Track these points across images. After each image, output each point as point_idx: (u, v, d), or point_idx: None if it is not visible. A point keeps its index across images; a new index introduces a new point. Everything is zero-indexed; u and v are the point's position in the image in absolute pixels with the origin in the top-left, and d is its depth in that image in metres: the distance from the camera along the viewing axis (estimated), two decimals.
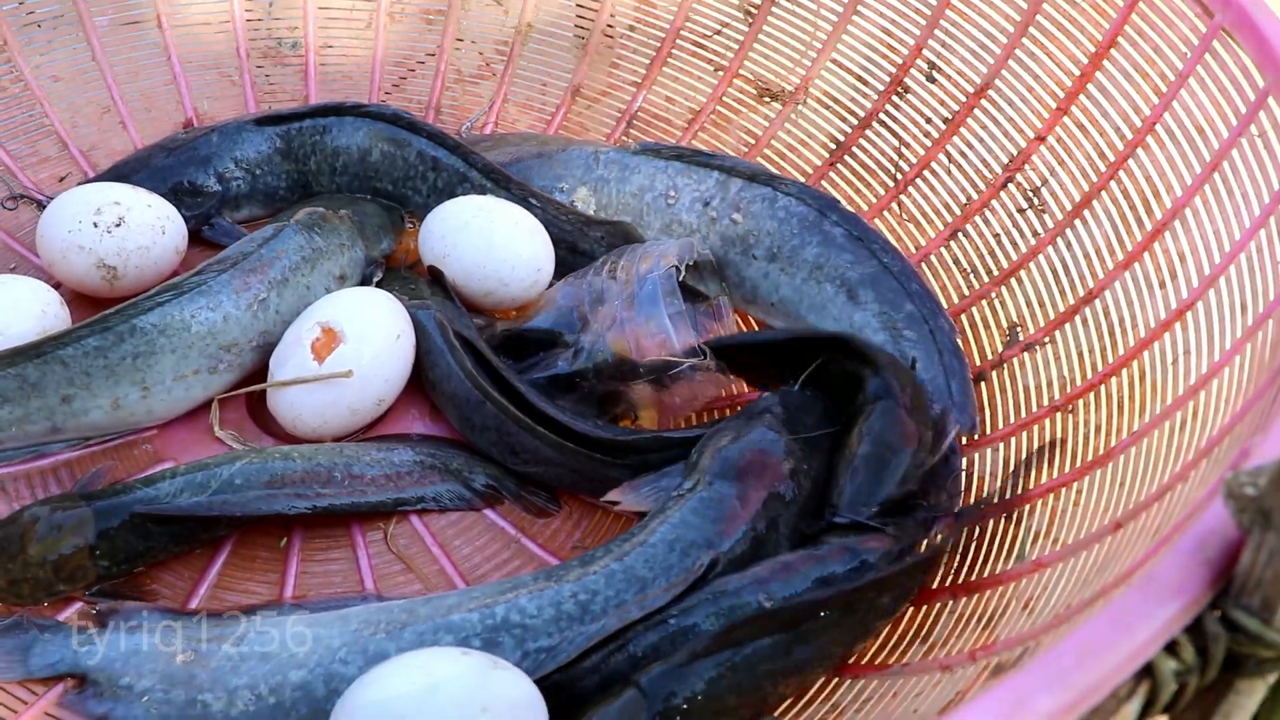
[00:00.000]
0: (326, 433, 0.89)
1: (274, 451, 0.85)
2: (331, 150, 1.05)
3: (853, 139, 1.07)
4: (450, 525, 0.88)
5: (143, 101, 1.12)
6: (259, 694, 0.73)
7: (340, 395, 0.87)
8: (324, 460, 0.85)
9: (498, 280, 0.96)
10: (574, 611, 0.75)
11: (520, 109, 1.17)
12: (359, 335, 0.88)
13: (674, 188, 1.02)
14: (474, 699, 0.65)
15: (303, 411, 0.88)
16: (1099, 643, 0.47)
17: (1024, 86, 0.99)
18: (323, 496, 0.84)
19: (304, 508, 0.83)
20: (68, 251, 0.93)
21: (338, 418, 0.88)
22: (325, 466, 0.85)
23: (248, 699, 0.73)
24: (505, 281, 0.96)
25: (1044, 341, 0.90)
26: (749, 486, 0.80)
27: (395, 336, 0.90)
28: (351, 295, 0.92)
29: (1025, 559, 0.78)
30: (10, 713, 0.74)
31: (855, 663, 0.76)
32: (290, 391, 0.88)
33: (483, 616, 0.74)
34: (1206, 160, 0.84)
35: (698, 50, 1.14)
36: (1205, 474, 0.66)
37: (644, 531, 0.78)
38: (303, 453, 0.85)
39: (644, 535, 0.78)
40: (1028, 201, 0.96)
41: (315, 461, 0.85)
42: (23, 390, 0.85)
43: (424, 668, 0.67)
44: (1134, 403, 0.81)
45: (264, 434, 0.91)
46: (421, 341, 0.92)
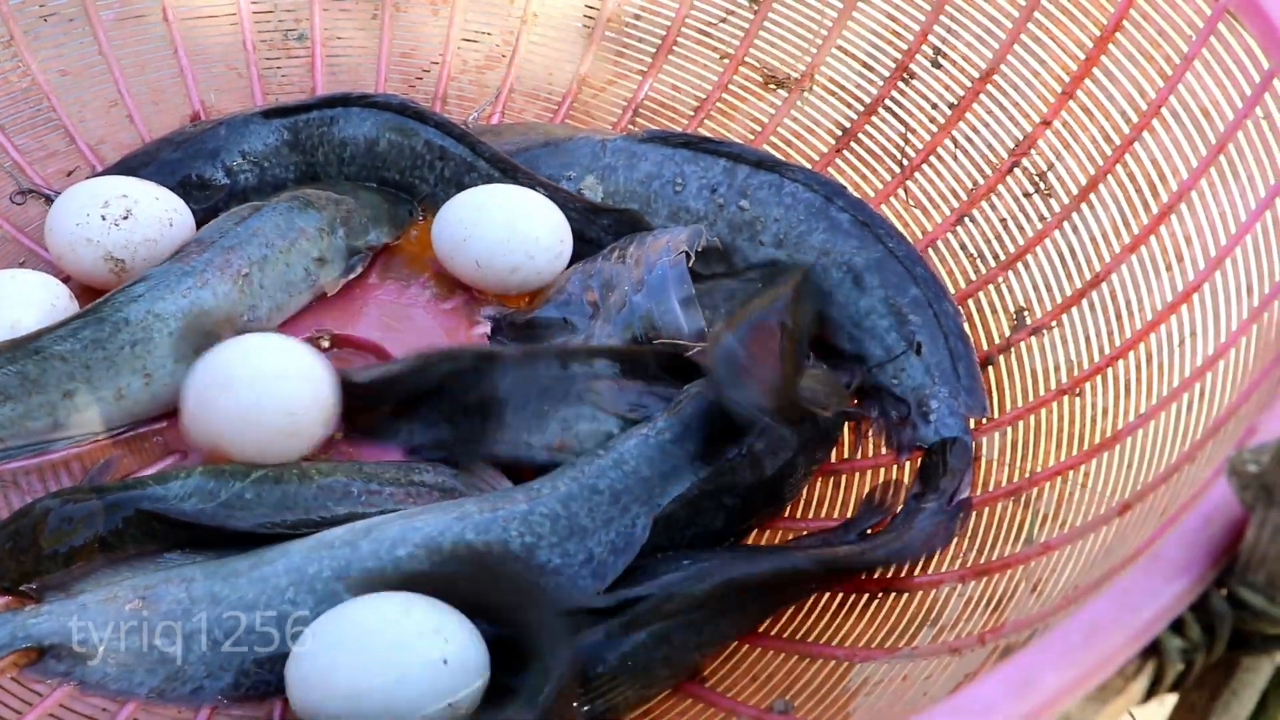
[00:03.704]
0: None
1: (293, 468, 0.83)
2: (339, 141, 1.05)
3: (859, 125, 1.07)
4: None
5: (150, 95, 1.12)
6: (213, 638, 0.74)
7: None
8: (341, 477, 0.83)
9: (524, 254, 0.96)
10: (519, 551, 0.76)
11: (526, 98, 1.17)
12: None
13: (681, 175, 1.02)
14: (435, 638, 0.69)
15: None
16: (1105, 621, 0.48)
17: (1029, 71, 0.99)
18: (334, 514, 0.81)
19: (309, 532, 0.80)
20: (75, 245, 0.94)
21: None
22: (342, 483, 0.83)
23: (203, 643, 0.74)
24: (531, 255, 0.96)
25: (1051, 325, 0.90)
26: (712, 449, 0.82)
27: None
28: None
29: (1033, 542, 0.78)
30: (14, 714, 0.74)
31: (865, 646, 0.76)
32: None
33: (430, 553, 0.75)
34: (1212, 143, 0.84)
35: (703, 38, 1.14)
36: (1212, 454, 0.66)
37: (596, 471, 0.80)
38: (321, 469, 0.84)
39: (595, 477, 0.80)
40: (1034, 186, 0.96)
41: (333, 478, 0.83)
42: (24, 387, 0.85)
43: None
44: (1141, 385, 0.81)
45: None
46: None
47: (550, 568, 0.76)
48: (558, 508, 0.78)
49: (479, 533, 0.76)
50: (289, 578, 0.75)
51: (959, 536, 0.81)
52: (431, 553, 0.75)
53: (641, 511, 0.78)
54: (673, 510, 0.79)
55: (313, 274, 0.96)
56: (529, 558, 0.76)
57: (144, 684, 0.74)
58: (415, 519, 0.77)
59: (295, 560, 0.76)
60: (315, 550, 0.76)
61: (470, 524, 0.77)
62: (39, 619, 0.75)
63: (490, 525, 0.77)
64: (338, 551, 0.76)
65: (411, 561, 0.75)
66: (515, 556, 0.76)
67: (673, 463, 0.80)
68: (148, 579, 0.77)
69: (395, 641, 0.68)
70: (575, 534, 0.77)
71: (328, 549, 0.76)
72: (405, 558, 0.75)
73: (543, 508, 0.78)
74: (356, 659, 0.68)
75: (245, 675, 0.74)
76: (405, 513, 0.79)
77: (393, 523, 0.77)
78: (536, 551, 0.76)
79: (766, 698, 0.75)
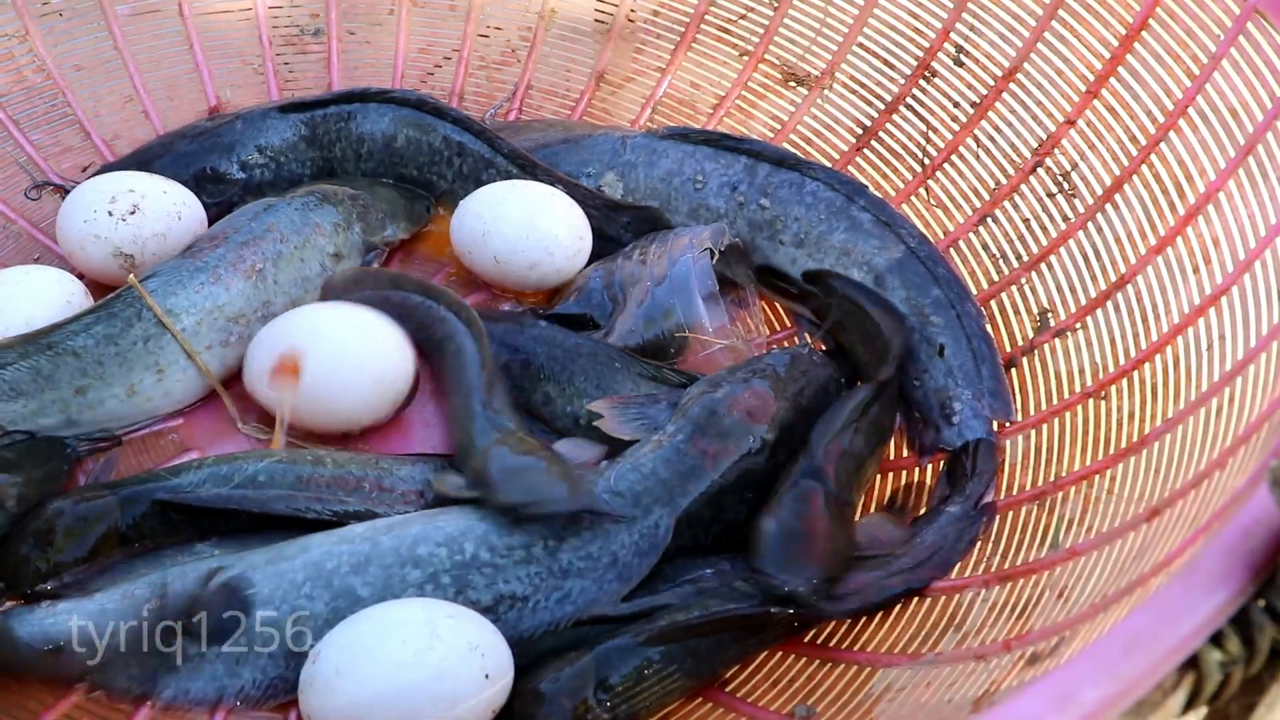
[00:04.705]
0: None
1: (306, 454, 0.84)
2: (356, 137, 1.04)
3: (880, 123, 1.06)
4: None
5: (165, 90, 1.12)
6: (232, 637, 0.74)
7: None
8: (355, 469, 0.83)
9: (544, 250, 0.95)
10: (542, 556, 0.75)
11: (544, 95, 1.16)
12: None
13: (702, 172, 1.01)
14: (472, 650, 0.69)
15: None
16: (1144, 634, 0.47)
17: (1053, 69, 0.98)
18: (345, 504, 0.81)
19: (322, 512, 0.81)
20: (85, 241, 0.93)
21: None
22: (355, 475, 0.82)
23: (221, 640, 0.74)
24: (551, 251, 0.95)
25: (1075, 327, 0.89)
26: (725, 444, 0.81)
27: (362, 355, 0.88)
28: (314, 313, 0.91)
29: (1059, 547, 0.77)
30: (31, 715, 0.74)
31: (888, 652, 0.75)
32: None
33: (451, 553, 0.75)
34: (1240, 144, 0.84)
35: (722, 35, 1.14)
36: (1244, 461, 0.65)
37: (615, 475, 0.79)
38: (336, 459, 0.83)
39: (615, 481, 0.79)
40: (1058, 186, 0.96)
41: (346, 469, 0.83)
42: (36, 383, 0.85)
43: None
44: (1168, 389, 0.80)
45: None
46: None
47: (575, 570, 0.75)
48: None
49: (501, 534, 0.75)
50: (306, 573, 0.75)
51: (983, 541, 0.81)
52: (453, 553, 0.75)
53: (664, 513, 0.78)
54: (696, 509, 0.79)
55: (328, 270, 0.96)
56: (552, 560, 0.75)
57: (163, 684, 0.74)
58: (438, 518, 0.77)
59: (314, 555, 0.75)
60: (335, 546, 0.76)
61: (492, 524, 0.76)
62: (57, 618, 0.74)
63: (515, 526, 0.76)
64: (357, 548, 0.75)
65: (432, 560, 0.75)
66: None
67: (689, 463, 0.80)
68: (165, 576, 0.76)
69: (437, 670, 0.68)
70: (599, 536, 0.76)
71: (348, 543, 0.76)
72: (426, 555, 0.75)
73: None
74: (392, 689, 0.68)
75: (263, 672, 0.74)
76: (427, 512, 0.79)
77: (415, 522, 0.77)
78: (560, 555, 0.75)
79: (788, 703, 0.74)
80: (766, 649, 0.78)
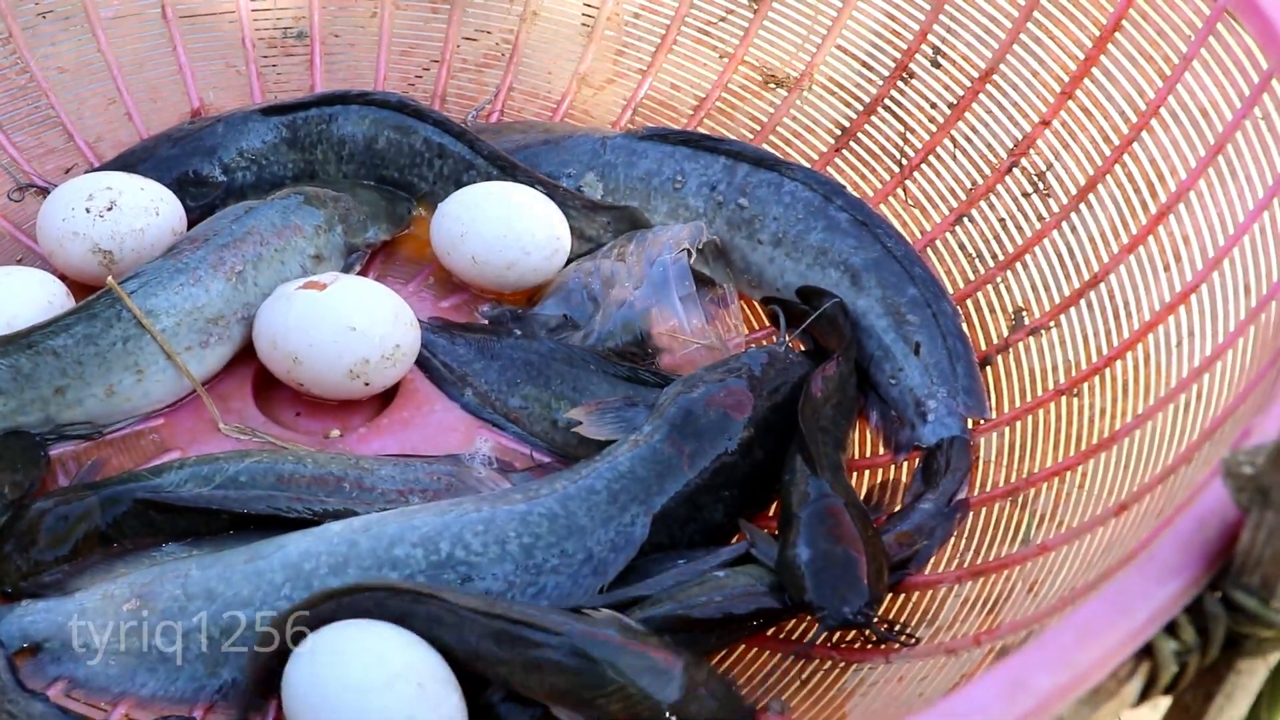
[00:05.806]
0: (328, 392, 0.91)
1: (288, 454, 0.85)
2: (337, 139, 1.04)
3: (858, 125, 1.07)
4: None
5: (148, 92, 1.12)
6: (211, 636, 0.74)
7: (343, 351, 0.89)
8: (335, 469, 0.83)
9: (520, 250, 0.96)
10: (517, 554, 0.76)
11: (526, 97, 1.17)
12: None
13: (681, 172, 1.02)
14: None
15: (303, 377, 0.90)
16: (1098, 623, 0.47)
17: (1029, 71, 0.99)
18: (326, 504, 0.81)
19: (302, 512, 0.81)
20: (63, 239, 0.94)
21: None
22: (335, 474, 0.83)
23: (199, 641, 0.74)
24: (527, 250, 0.96)
25: (1049, 326, 0.90)
26: (701, 444, 0.82)
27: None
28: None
29: (1030, 542, 0.78)
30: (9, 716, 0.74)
31: (861, 647, 0.76)
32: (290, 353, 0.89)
33: (427, 553, 0.76)
34: (1211, 143, 0.84)
35: (702, 37, 1.14)
36: (1208, 455, 0.66)
37: (593, 473, 0.80)
38: (316, 459, 0.84)
39: (592, 478, 0.80)
40: (1033, 186, 0.96)
41: (327, 469, 0.83)
42: (16, 382, 0.85)
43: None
44: (1138, 386, 0.81)
45: (270, 421, 0.91)
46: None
47: (549, 567, 0.76)
48: (556, 507, 0.78)
49: (477, 532, 0.76)
50: (284, 574, 0.75)
51: (956, 537, 0.81)
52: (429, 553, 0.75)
53: (640, 510, 0.78)
54: (671, 507, 0.79)
55: (309, 272, 0.96)
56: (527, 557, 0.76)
57: (141, 683, 0.74)
58: (413, 518, 0.77)
59: (292, 556, 0.76)
60: (313, 546, 0.76)
61: (468, 523, 0.76)
62: (35, 617, 0.75)
63: (489, 525, 0.76)
64: (335, 548, 0.76)
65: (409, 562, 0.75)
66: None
67: (666, 462, 0.80)
68: (144, 576, 0.77)
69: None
70: (574, 533, 0.77)
71: (325, 544, 0.76)
72: (403, 557, 0.75)
73: (541, 508, 0.78)
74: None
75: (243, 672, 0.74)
76: (403, 511, 0.79)
77: (390, 521, 0.77)
78: (535, 551, 0.76)
79: (763, 698, 0.75)
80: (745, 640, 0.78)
